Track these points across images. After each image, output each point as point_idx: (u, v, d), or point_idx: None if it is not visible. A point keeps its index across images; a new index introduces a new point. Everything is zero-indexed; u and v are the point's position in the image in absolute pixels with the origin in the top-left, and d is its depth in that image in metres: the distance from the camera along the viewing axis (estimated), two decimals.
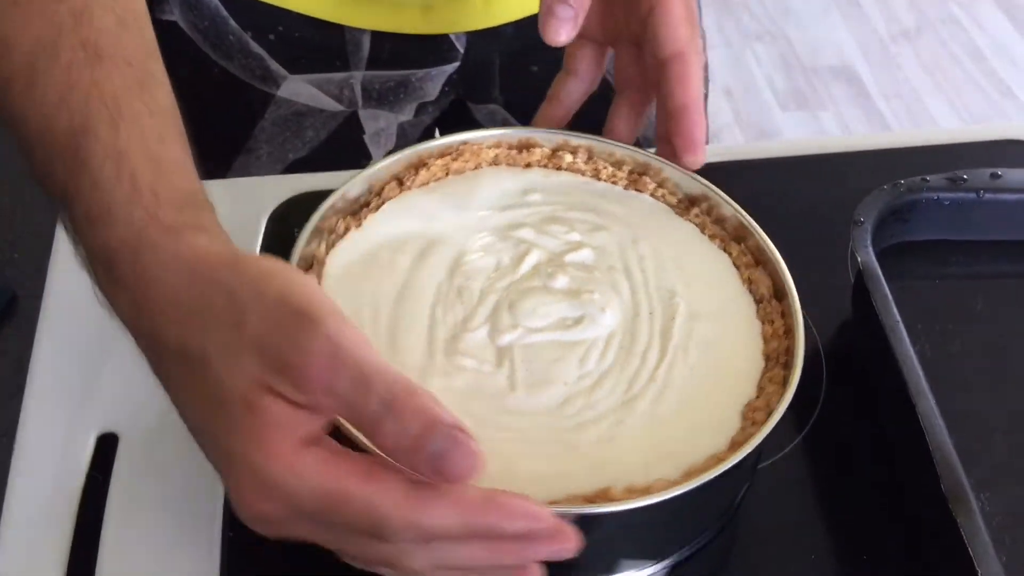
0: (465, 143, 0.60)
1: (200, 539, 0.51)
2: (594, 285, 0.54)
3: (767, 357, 0.52)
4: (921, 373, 0.51)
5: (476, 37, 0.77)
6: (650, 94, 0.60)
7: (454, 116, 0.83)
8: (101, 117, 0.45)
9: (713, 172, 0.59)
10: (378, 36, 0.75)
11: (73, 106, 0.45)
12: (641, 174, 0.60)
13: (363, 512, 0.39)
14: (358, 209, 0.57)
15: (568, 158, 0.60)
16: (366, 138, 0.81)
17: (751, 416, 0.49)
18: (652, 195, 0.60)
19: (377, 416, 0.38)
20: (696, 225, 0.58)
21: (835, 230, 0.61)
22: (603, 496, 0.45)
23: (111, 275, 0.44)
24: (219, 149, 0.79)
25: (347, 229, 0.56)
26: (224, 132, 0.79)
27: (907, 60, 2.29)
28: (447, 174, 0.59)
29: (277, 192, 0.66)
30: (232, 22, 0.75)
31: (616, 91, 0.63)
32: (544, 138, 0.61)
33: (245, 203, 0.65)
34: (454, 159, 0.59)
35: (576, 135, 0.61)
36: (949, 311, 0.62)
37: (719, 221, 0.58)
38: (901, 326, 0.53)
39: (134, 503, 0.52)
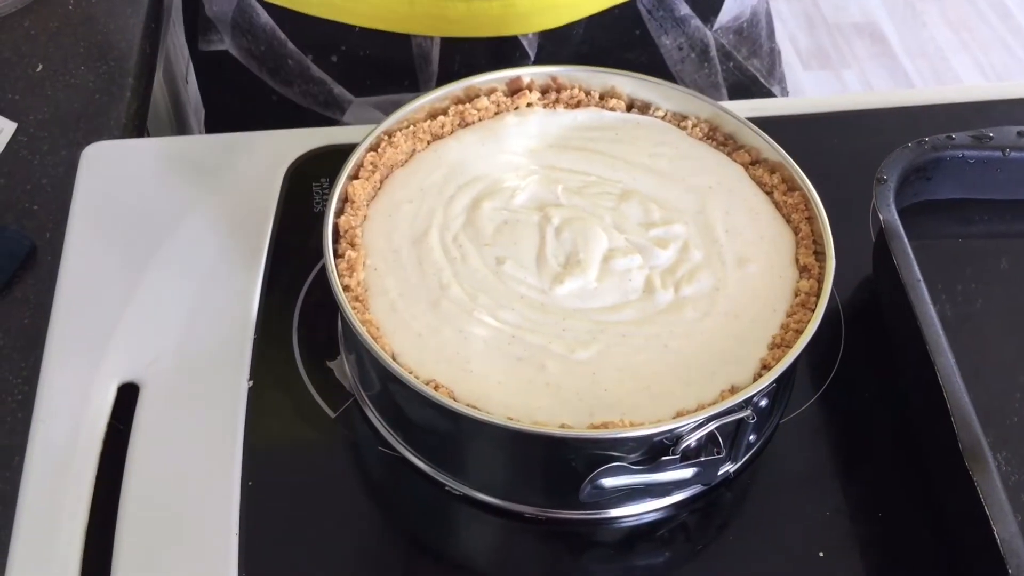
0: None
1: (220, 489, 0.51)
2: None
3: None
4: (941, 331, 0.51)
5: (546, 40, 0.73)
6: None
7: None
8: None
9: None
10: (448, 47, 0.71)
11: None
12: (684, 117, 0.61)
13: None
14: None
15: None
16: None
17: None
18: (690, 133, 0.60)
19: None
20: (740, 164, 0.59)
21: (857, 188, 0.61)
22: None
23: None
24: None
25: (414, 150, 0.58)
26: None
27: (932, 18, 2.25)
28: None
29: (295, 147, 0.66)
30: (291, 45, 0.71)
31: None
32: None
33: (263, 157, 0.65)
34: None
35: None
36: (971, 270, 0.62)
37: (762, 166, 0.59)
38: (922, 284, 0.53)
39: (155, 453, 0.52)
